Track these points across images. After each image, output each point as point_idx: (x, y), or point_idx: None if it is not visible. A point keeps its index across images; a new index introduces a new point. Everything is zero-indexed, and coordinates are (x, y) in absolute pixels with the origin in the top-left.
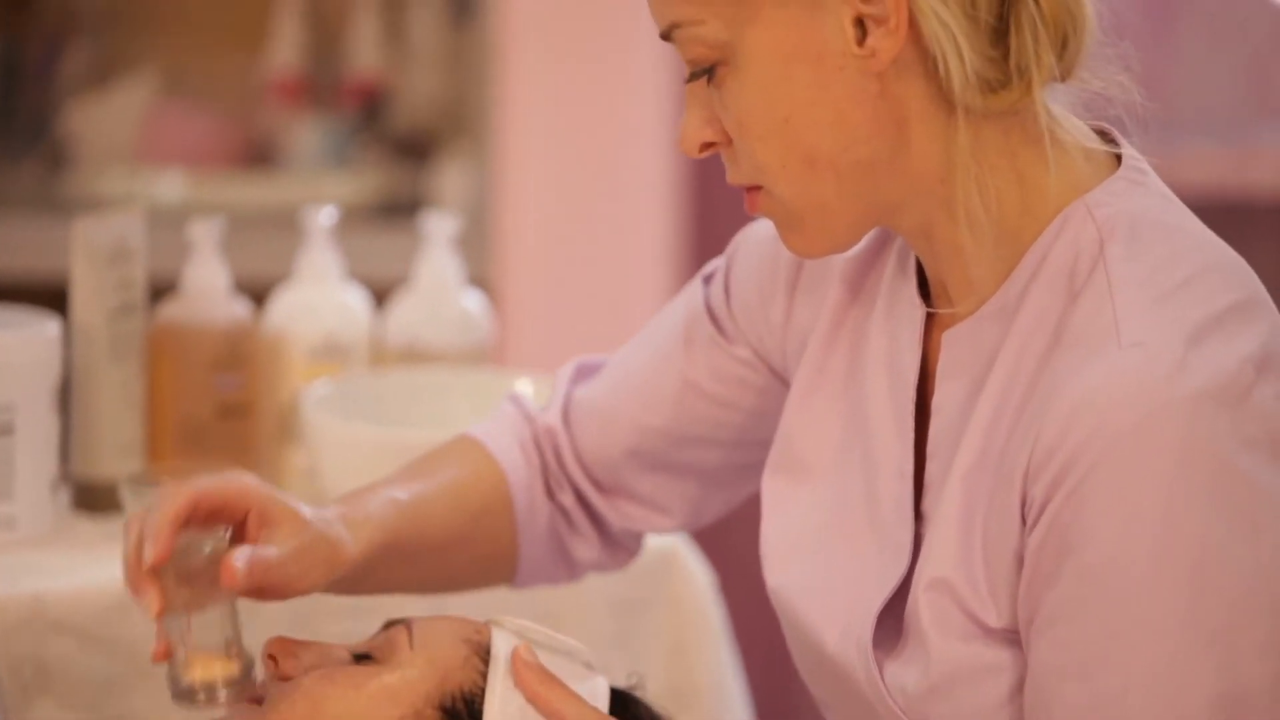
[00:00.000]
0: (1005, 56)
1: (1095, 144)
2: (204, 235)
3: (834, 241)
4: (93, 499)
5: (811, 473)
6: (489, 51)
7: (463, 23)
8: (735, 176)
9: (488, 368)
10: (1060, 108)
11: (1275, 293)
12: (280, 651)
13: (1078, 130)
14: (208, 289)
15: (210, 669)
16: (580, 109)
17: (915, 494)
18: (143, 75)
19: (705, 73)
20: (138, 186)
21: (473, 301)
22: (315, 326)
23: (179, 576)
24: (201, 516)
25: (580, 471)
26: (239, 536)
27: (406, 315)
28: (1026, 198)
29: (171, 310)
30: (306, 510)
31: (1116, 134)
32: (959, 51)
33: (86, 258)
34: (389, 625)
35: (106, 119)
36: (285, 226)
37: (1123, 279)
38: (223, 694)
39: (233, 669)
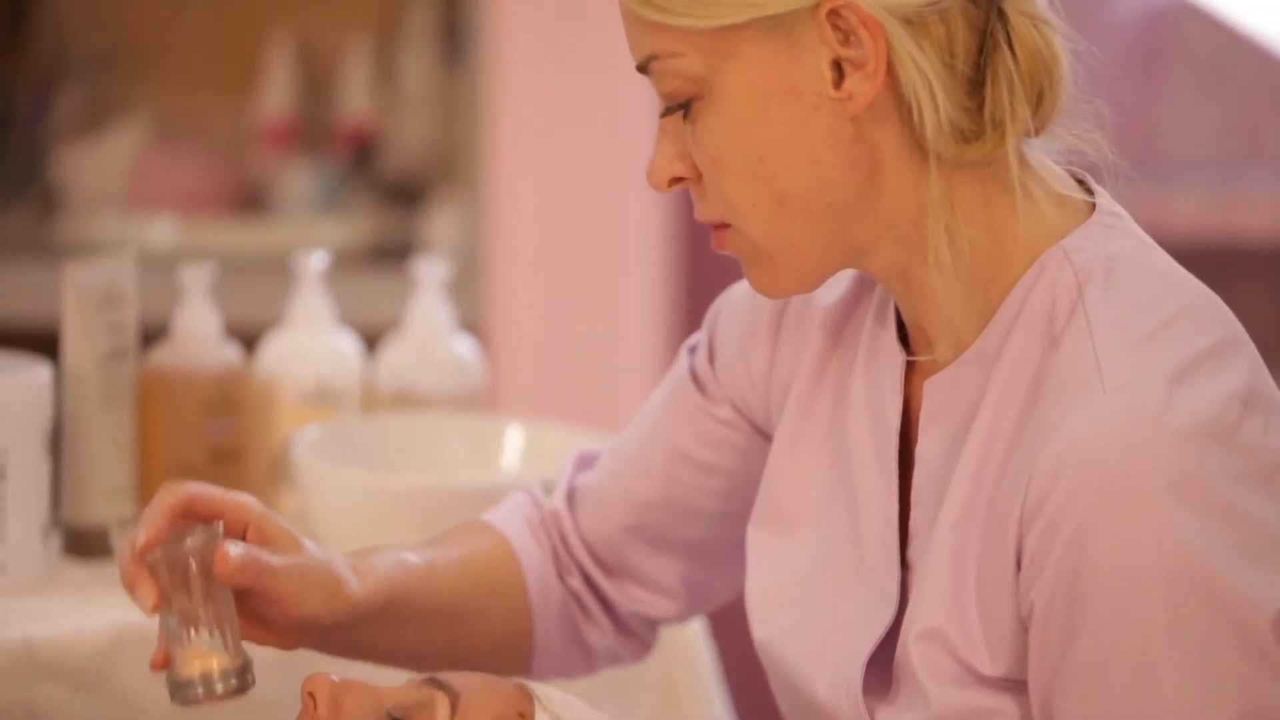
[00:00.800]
0: (980, 107)
1: (1073, 191)
2: (195, 280)
3: (800, 281)
4: (83, 544)
5: (796, 522)
6: (479, 97)
7: (453, 68)
8: (704, 213)
9: (479, 412)
10: (1039, 154)
11: (1268, 336)
12: (320, 691)
13: (1055, 178)
14: (199, 334)
15: (208, 662)
16: (570, 154)
17: (901, 542)
18: (134, 120)
19: (681, 107)
20: (129, 231)
21: (464, 346)
22: (306, 371)
23: (172, 571)
24: (196, 517)
25: (585, 553)
26: None
27: (398, 360)
28: (1001, 245)
29: (162, 355)
30: (309, 542)
31: (1091, 181)
32: (934, 99)
33: (77, 302)
34: (433, 682)
35: (98, 164)
36: (276, 271)
37: (1103, 322)
38: (220, 687)
39: (229, 662)
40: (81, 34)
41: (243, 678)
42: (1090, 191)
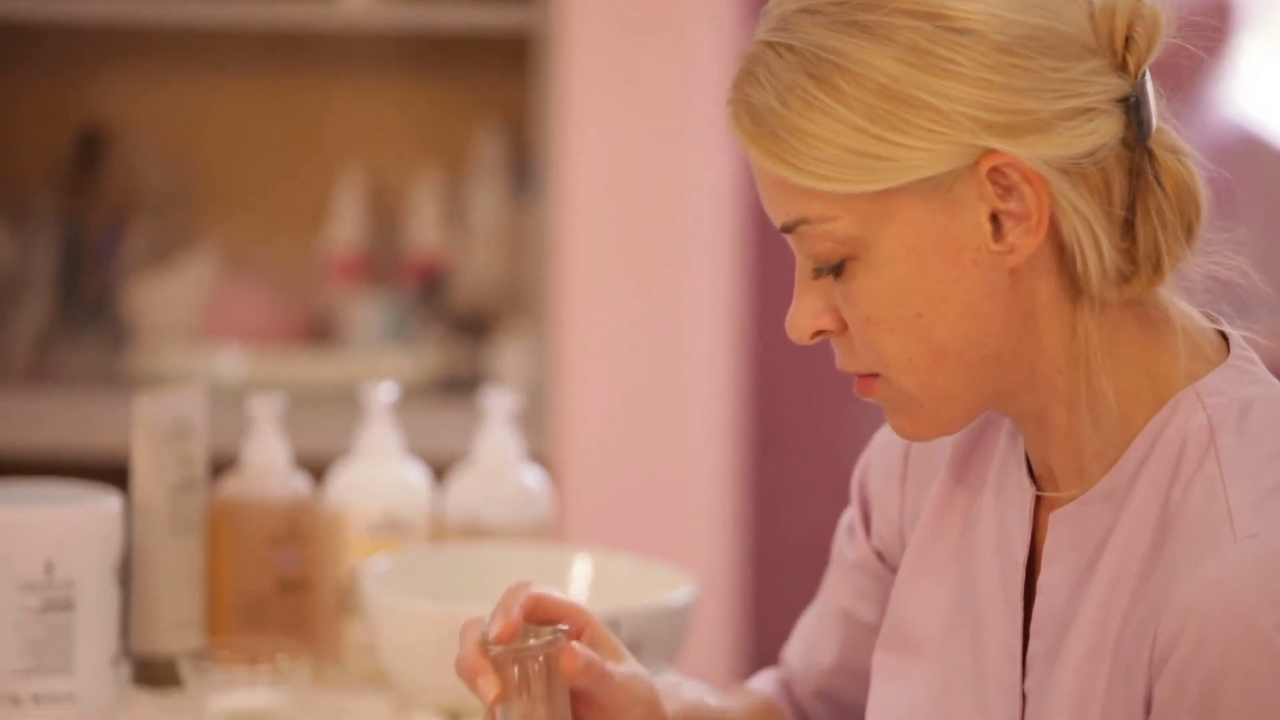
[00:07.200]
0: (1134, 247)
1: (1205, 327)
2: (264, 411)
3: (946, 427)
4: (153, 675)
5: (920, 648)
6: (548, 230)
7: (522, 201)
8: (850, 364)
9: (547, 543)
10: (1170, 294)
11: None
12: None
13: (1187, 316)
14: (268, 465)
15: None
16: (639, 288)
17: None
18: (203, 254)
19: (832, 269)
20: (198, 363)
21: (532, 478)
22: (375, 502)
23: (517, 667)
24: (538, 620)
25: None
26: None
27: (466, 491)
28: (1138, 383)
29: (231, 486)
30: (631, 657)
31: (1222, 321)
32: (1098, 246)
33: (147, 434)
34: None
35: (168, 297)
36: (345, 403)
37: (1235, 469)
38: None
39: None
40: (152, 169)
41: None
42: (1221, 329)
